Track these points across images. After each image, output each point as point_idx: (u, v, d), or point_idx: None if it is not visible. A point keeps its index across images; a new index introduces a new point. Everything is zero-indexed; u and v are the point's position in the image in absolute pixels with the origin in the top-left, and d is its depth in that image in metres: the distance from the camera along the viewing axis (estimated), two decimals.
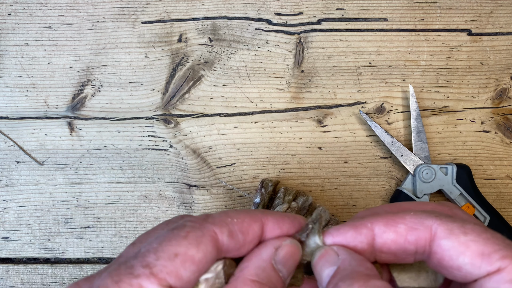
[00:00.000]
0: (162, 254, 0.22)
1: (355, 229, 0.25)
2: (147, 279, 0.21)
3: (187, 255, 0.23)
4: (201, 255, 0.23)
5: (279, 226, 0.26)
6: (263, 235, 0.26)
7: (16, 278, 0.45)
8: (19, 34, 0.45)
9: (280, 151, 0.45)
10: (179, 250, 0.23)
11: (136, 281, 0.21)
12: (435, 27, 0.45)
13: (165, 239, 0.23)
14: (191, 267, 0.23)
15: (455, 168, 0.42)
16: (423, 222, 0.25)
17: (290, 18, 0.45)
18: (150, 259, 0.22)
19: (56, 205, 0.45)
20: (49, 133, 0.45)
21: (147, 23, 0.45)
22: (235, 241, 0.25)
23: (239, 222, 0.25)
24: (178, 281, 0.22)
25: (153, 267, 0.22)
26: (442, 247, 0.24)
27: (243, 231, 0.25)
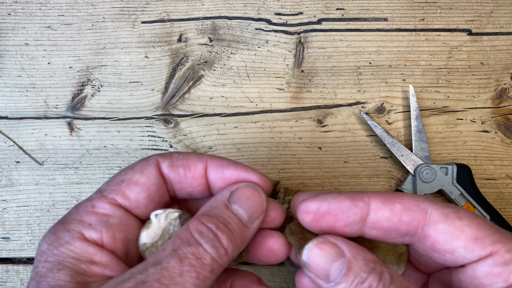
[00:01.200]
0: (112, 182, 0.28)
1: (352, 200, 0.26)
2: (98, 199, 0.27)
3: (131, 180, 0.27)
4: (145, 178, 0.27)
5: (222, 170, 0.28)
6: (207, 175, 0.28)
7: (16, 278, 0.45)
8: (19, 34, 0.45)
9: (280, 151, 0.45)
10: (125, 177, 0.28)
11: (90, 203, 0.27)
12: (435, 27, 0.45)
13: (117, 173, 0.28)
14: (136, 188, 0.27)
15: (455, 168, 0.42)
16: (420, 204, 0.25)
17: (290, 18, 0.45)
18: (102, 187, 0.28)
19: (56, 205, 0.45)
20: (49, 133, 0.45)
21: (147, 23, 0.45)
22: (176, 173, 0.28)
23: (183, 158, 0.28)
24: (125, 200, 0.27)
25: (104, 191, 0.27)
26: (437, 231, 0.25)
27: (185, 165, 0.28)
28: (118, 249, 0.26)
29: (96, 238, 0.26)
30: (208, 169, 0.28)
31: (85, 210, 0.26)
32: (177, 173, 0.28)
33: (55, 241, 0.25)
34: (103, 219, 0.26)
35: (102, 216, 0.26)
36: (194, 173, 0.28)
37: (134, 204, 0.27)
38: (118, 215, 0.27)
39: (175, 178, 0.28)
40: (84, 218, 0.26)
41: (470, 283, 0.25)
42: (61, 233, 0.25)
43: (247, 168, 0.28)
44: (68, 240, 0.25)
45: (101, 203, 0.27)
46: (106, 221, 0.26)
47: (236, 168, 0.28)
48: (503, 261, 0.24)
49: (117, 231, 0.26)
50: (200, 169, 0.28)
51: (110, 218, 0.26)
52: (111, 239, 0.26)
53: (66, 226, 0.26)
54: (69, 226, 0.26)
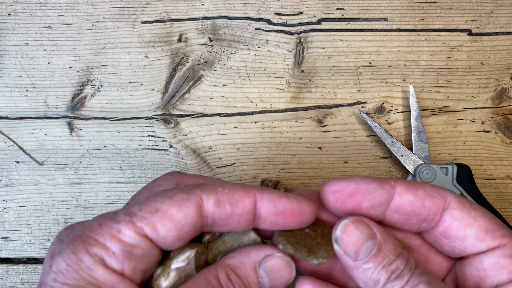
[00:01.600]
0: (145, 207, 0.25)
1: (379, 183, 0.27)
2: (126, 225, 0.24)
3: (167, 212, 0.25)
4: (181, 215, 0.25)
5: (274, 205, 0.26)
6: (256, 211, 0.26)
7: (16, 278, 0.45)
8: (18, 34, 0.45)
9: (280, 151, 0.45)
10: (161, 207, 0.25)
11: (116, 225, 0.24)
12: (435, 27, 0.45)
13: (153, 196, 0.25)
14: (169, 224, 0.25)
15: (455, 168, 0.42)
16: (440, 192, 0.27)
17: (290, 18, 0.45)
18: (134, 210, 0.25)
19: (56, 205, 0.45)
20: (49, 133, 0.45)
21: (147, 23, 0.45)
22: (222, 211, 0.25)
23: (230, 193, 0.26)
24: (153, 233, 0.24)
25: (134, 216, 0.24)
26: (453, 216, 0.26)
27: (232, 202, 0.26)
28: (136, 278, 0.25)
29: (117, 268, 0.24)
30: (258, 204, 0.26)
31: (110, 233, 0.24)
32: (224, 211, 0.26)
33: (76, 263, 0.23)
34: (128, 250, 0.24)
35: (128, 246, 0.24)
36: (242, 210, 0.26)
37: (161, 240, 0.25)
38: (143, 247, 0.25)
39: (221, 216, 0.26)
40: (108, 243, 0.24)
41: (476, 275, 0.26)
42: (82, 255, 0.24)
43: (298, 199, 0.27)
44: (90, 266, 0.23)
45: (128, 231, 0.24)
46: (130, 252, 0.24)
47: (288, 200, 0.26)
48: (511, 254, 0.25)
49: (139, 263, 0.25)
50: (249, 205, 0.26)
51: (134, 249, 0.24)
52: (131, 270, 0.24)
53: (87, 248, 0.24)
54: (91, 249, 0.24)
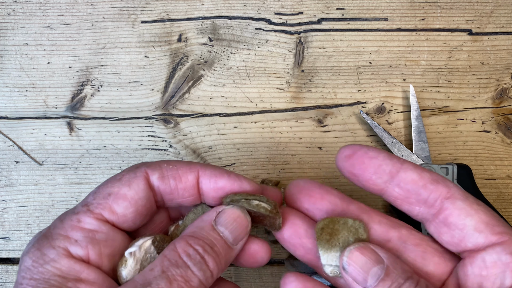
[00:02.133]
0: (98, 195, 0.27)
1: (388, 155, 0.27)
2: (84, 214, 0.26)
3: (119, 193, 0.26)
4: (133, 192, 0.27)
5: (215, 180, 0.28)
6: (199, 186, 0.28)
7: (15, 278, 0.45)
8: (18, 33, 0.45)
9: (280, 151, 0.45)
10: (113, 190, 0.27)
11: (76, 216, 0.26)
12: (436, 26, 0.45)
13: (103, 183, 0.27)
14: (123, 203, 0.26)
15: (456, 168, 0.42)
16: (446, 181, 0.27)
17: (290, 17, 0.45)
18: (89, 200, 0.27)
19: (56, 205, 0.45)
20: (48, 133, 0.45)
21: (147, 23, 0.45)
22: (166, 185, 0.27)
23: (174, 169, 0.27)
24: (112, 215, 0.26)
25: (90, 205, 0.26)
26: (455, 205, 0.26)
27: (176, 177, 0.27)
28: (104, 264, 0.26)
29: (82, 255, 0.25)
30: (200, 179, 0.28)
31: (71, 224, 0.26)
32: (168, 185, 0.28)
33: (40, 258, 0.25)
34: (90, 235, 0.25)
35: (89, 232, 0.26)
36: (185, 184, 0.28)
37: (121, 219, 0.27)
38: (104, 230, 0.26)
39: (166, 189, 0.28)
40: (70, 233, 0.25)
41: (478, 274, 0.26)
42: (46, 249, 0.25)
43: (239, 177, 0.28)
44: (54, 258, 0.25)
45: (87, 218, 0.26)
46: (93, 237, 0.26)
47: (229, 178, 0.28)
48: None
49: (103, 247, 0.26)
50: (192, 180, 0.28)
51: (96, 234, 0.26)
52: (97, 255, 0.26)
53: (51, 242, 0.25)
54: (54, 242, 0.25)
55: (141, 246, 0.27)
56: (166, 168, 0.28)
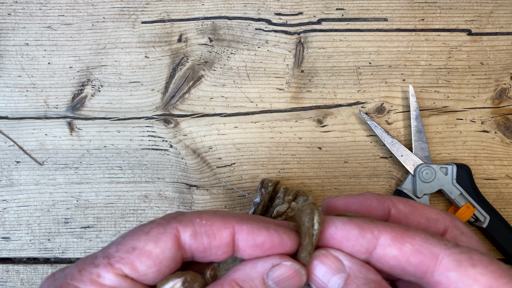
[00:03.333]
0: (122, 247, 0.24)
1: (361, 230, 0.24)
2: (104, 268, 0.24)
3: (144, 249, 0.24)
4: (159, 250, 0.24)
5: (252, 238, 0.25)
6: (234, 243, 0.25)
7: (16, 278, 0.45)
8: (19, 34, 0.45)
9: (280, 151, 0.45)
10: (138, 245, 0.24)
11: (96, 270, 0.24)
12: (435, 27, 0.45)
13: (129, 234, 0.25)
14: (147, 261, 0.24)
15: (455, 168, 0.42)
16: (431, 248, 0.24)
17: (290, 18, 0.45)
18: (111, 251, 0.24)
19: (56, 205, 0.45)
20: (49, 133, 0.45)
21: (147, 23, 0.45)
22: (199, 243, 0.25)
23: (208, 225, 0.25)
24: (133, 272, 0.24)
25: (111, 257, 0.24)
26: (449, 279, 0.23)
27: (209, 234, 0.25)
28: None
29: None
30: (236, 236, 0.25)
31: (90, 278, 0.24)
32: (201, 243, 0.25)
33: None
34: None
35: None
36: (219, 242, 0.25)
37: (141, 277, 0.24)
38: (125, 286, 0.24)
39: (198, 248, 0.25)
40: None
41: None
42: None
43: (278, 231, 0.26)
44: None
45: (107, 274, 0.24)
46: None
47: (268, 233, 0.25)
48: None
49: None
50: (227, 237, 0.25)
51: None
52: None
53: None
54: None
55: None
56: (199, 224, 0.25)
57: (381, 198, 0.27)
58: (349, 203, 0.26)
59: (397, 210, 0.26)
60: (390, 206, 0.26)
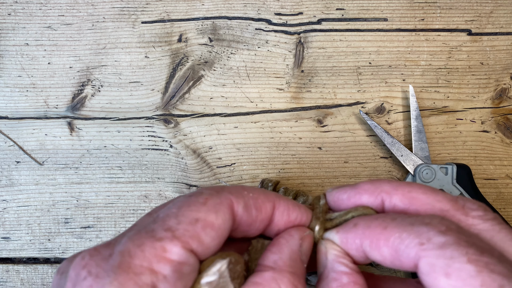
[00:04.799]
0: (183, 219, 0.22)
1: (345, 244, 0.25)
2: (170, 241, 0.21)
3: (207, 220, 0.22)
4: (220, 221, 0.23)
5: (288, 213, 0.26)
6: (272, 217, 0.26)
7: (16, 278, 0.45)
8: (19, 34, 0.45)
9: (280, 151, 0.45)
10: (199, 216, 0.22)
11: (159, 244, 0.21)
12: (435, 27, 0.45)
13: (183, 204, 0.23)
14: (211, 232, 0.22)
15: (455, 168, 0.42)
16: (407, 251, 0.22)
17: (290, 18, 0.45)
18: (172, 223, 0.22)
19: (56, 205, 0.45)
20: (49, 133, 0.45)
21: (147, 23, 0.45)
22: (249, 215, 0.24)
23: (254, 198, 0.25)
24: (200, 246, 0.22)
25: (175, 230, 0.21)
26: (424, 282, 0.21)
27: (257, 207, 0.25)
28: None
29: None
30: (275, 211, 0.26)
31: (155, 254, 0.21)
32: (251, 215, 0.25)
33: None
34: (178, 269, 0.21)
35: (178, 265, 0.21)
36: (264, 215, 0.25)
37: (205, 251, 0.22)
38: (191, 262, 0.22)
39: (248, 220, 0.25)
40: (156, 266, 0.20)
41: None
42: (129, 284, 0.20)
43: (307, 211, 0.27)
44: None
45: (175, 248, 0.21)
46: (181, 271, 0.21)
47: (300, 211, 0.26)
48: None
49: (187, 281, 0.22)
50: (269, 211, 0.25)
51: (184, 267, 0.21)
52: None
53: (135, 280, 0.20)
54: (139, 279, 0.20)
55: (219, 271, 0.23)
56: (247, 197, 0.25)
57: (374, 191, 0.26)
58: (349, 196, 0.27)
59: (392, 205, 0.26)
60: (383, 199, 0.26)
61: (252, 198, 0.25)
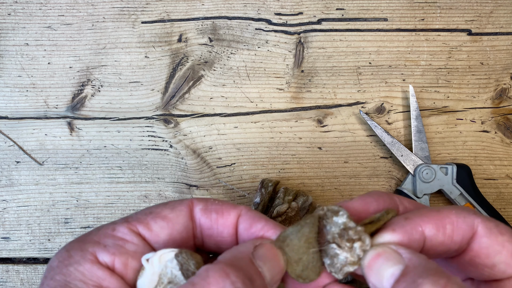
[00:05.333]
0: (141, 212, 0.27)
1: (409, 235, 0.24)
2: (121, 224, 0.26)
3: (160, 213, 0.26)
4: (173, 215, 0.26)
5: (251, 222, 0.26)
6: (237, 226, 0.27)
7: (16, 278, 0.45)
8: (19, 34, 0.45)
9: (280, 151, 0.45)
10: (155, 210, 0.27)
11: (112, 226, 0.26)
12: (435, 27, 0.45)
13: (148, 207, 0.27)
14: (161, 222, 0.26)
15: (455, 168, 0.42)
16: (467, 220, 0.25)
17: (290, 18, 0.45)
18: (130, 216, 0.27)
19: (56, 205, 0.45)
20: (49, 133, 0.45)
21: (147, 23, 0.45)
22: (208, 218, 0.27)
23: (218, 204, 0.27)
24: (146, 231, 0.26)
25: (129, 218, 0.26)
26: (480, 245, 0.24)
27: (218, 211, 0.27)
28: (129, 276, 0.25)
29: (108, 261, 0.24)
30: (239, 219, 0.27)
31: (105, 232, 0.26)
32: (209, 218, 0.27)
33: (66, 259, 0.24)
34: (119, 243, 0.25)
35: (119, 239, 0.25)
36: (226, 220, 0.26)
37: (154, 238, 0.26)
38: (135, 242, 0.25)
39: (206, 223, 0.27)
40: (102, 239, 0.25)
41: None
42: (74, 251, 0.24)
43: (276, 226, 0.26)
44: (79, 260, 0.24)
45: (122, 228, 0.26)
46: (122, 245, 0.25)
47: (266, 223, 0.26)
48: None
49: (131, 258, 0.25)
50: (233, 218, 0.27)
51: (126, 244, 0.25)
52: (123, 264, 0.25)
53: (81, 245, 0.25)
54: (84, 245, 0.25)
55: (161, 256, 0.25)
56: (211, 202, 0.27)
57: (390, 195, 0.27)
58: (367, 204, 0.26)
59: (404, 207, 0.27)
60: (397, 202, 0.27)
61: (216, 204, 0.27)
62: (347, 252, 0.24)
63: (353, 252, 0.24)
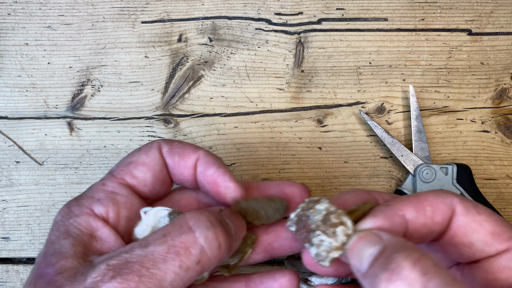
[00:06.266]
0: (121, 164, 0.30)
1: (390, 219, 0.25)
2: (109, 179, 0.30)
3: (138, 161, 0.30)
4: (150, 159, 0.30)
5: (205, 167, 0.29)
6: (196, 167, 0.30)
7: (16, 278, 0.45)
8: (18, 34, 0.45)
9: (280, 151, 0.45)
10: (133, 159, 0.30)
11: (101, 181, 0.30)
12: (435, 27, 0.45)
13: (125, 156, 0.31)
14: (142, 168, 0.30)
15: (455, 168, 0.42)
16: (445, 200, 0.25)
17: (290, 18, 0.45)
18: (113, 169, 0.30)
19: (56, 205, 0.45)
20: (48, 133, 0.45)
21: (147, 23, 0.45)
22: (172, 159, 0.30)
23: (181, 147, 0.30)
24: (133, 179, 0.30)
25: (113, 171, 0.30)
26: (458, 223, 0.25)
27: (180, 154, 0.30)
28: (121, 226, 0.28)
29: (103, 212, 0.28)
30: (197, 162, 0.30)
31: (97, 188, 0.29)
32: (173, 159, 0.30)
33: (68, 214, 0.28)
34: (111, 196, 0.28)
35: (110, 193, 0.29)
36: (186, 163, 0.30)
37: (141, 183, 0.30)
38: (124, 193, 0.29)
39: (170, 163, 0.30)
40: (95, 194, 0.29)
41: (484, 278, 0.25)
42: (74, 207, 0.28)
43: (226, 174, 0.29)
44: (77, 213, 0.28)
45: (111, 182, 0.29)
46: (113, 197, 0.28)
47: (218, 170, 0.29)
48: None
49: (122, 209, 0.28)
50: (192, 160, 0.30)
51: (117, 195, 0.29)
52: (115, 215, 0.28)
53: (78, 201, 0.29)
54: (81, 201, 0.29)
55: (157, 212, 0.28)
56: (175, 145, 0.30)
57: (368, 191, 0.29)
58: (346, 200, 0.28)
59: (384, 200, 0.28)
60: (377, 197, 0.28)
61: (179, 147, 0.30)
62: (331, 237, 0.25)
63: (337, 237, 0.25)
